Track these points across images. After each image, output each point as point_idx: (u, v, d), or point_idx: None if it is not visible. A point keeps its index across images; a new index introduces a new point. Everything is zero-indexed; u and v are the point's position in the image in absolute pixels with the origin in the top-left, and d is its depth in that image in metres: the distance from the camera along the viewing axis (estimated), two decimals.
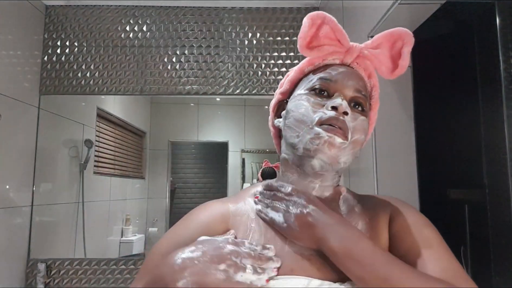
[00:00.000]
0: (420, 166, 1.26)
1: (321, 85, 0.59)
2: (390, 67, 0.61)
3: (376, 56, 0.61)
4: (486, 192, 1.32)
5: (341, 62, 0.63)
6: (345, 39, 0.61)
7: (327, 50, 0.61)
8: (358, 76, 0.61)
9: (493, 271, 1.28)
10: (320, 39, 0.61)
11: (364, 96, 0.60)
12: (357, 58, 0.62)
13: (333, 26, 0.60)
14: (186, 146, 2.18)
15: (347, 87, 0.59)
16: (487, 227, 1.31)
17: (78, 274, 1.84)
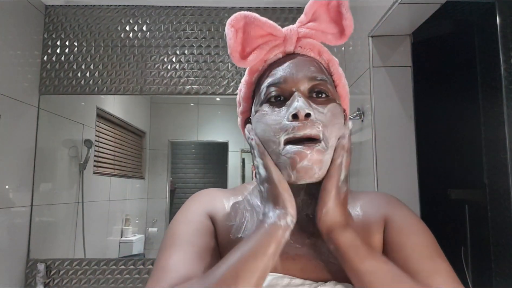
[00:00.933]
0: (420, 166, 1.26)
1: (273, 93, 0.53)
2: (336, 33, 0.56)
3: (316, 28, 0.56)
4: (487, 192, 1.32)
5: (283, 54, 0.58)
6: (276, 29, 0.56)
7: (264, 49, 0.56)
8: (307, 62, 0.55)
9: (493, 271, 1.28)
10: (252, 42, 0.56)
11: (322, 80, 0.54)
12: (298, 42, 0.57)
13: (258, 21, 0.56)
14: (186, 146, 2.18)
15: (299, 81, 0.53)
16: (488, 227, 1.31)
17: (78, 274, 1.84)
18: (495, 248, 1.28)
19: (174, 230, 0.56)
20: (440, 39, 1.53)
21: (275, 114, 0.52)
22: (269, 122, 0.52)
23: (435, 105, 1.52)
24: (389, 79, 1.27)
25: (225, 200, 0.61)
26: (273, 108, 0.53)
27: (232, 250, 0.47)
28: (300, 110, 0.49)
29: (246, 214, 0.58)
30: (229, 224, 0.57)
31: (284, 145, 0.50)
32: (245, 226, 0.57)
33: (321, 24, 0.56)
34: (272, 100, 0.54)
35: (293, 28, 0.57)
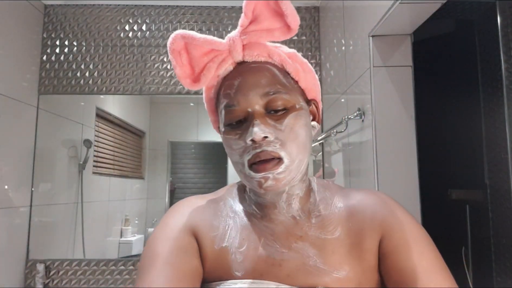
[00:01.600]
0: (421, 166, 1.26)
1: (231, 117, 0.53)
2: (282, 27, 0.53)
3: (260, 30, 0.54)
4: (487, 192, 1.32)
5: (234, 64, 0.56)
6: (217, 43, 0.54)
7: (212, 68, 0.55)
8: (257, 73, 0.54)
9: (494, 271, 1.27)
10: (198, 61, 0.55)
11: (275, 93, 0.52)
12: (244, 49, 0.55)
13: (196, 40, 0.54)
14: (186, 146, 2.17)
15: (252, 100, 0.52)
16: (488, 228, 1.30)
17: (77, 275, 1.84)
18: (496, 248, 1.28)
19: (153, 248, 0.53)
20: (441, 38, 1.53)
21: (237, 138, 0.53)
22: (233, 147, 0.53)
23: (435, 105, 1.52)
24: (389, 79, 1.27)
25: (207, 209, 0.59)
26: (235, 130, 0.53)
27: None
28: (255, 136, 0.50)
29: (229, 222, 0.57)
30: (212, 235, 0.56)
31: (248, 167, 0.52)
32: (228, 234, 0.56)
33: (263, 23, 0.53)
34: (232, 123, 0.54)
35: (235, 36, 0.54)
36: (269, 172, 0.51)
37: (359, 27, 1.39)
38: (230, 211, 0.59)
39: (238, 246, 0.54)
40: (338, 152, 1.79)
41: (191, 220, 0.57)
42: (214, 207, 0.59)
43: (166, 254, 0.51)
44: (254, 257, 0.53)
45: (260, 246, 0.54)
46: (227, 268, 0.53)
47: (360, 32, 1.38)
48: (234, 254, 0.53)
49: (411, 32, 1.26)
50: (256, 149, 0.50)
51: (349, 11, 1.53)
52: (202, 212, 0.58)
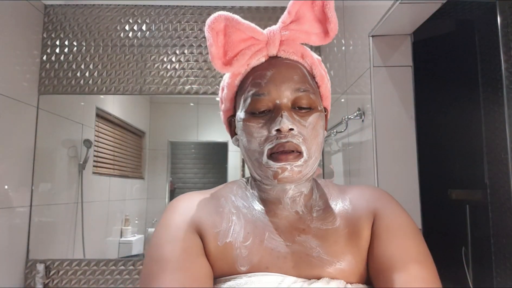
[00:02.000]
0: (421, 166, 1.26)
1: (258, 105, 0.54)
2: (319, 33, 0.56)
3: (299, 29, 0.55)
4: (487, 192, 1.32)
5: (266, 57, 0.57)
6: (258, 32, 0.55)
7: (247, 54, 0.55)
8: (290, 69, 0.56)
9: (494, 271, 1.27)
10: (233, 46, 0.55)
11: (305, 90, 0.54)
12: (281, 45, 0.56)
13: (239, 24, 0.54)
14: (186, 146, 2.17)
15: (282, 93, 0.53)
16: (488, 228, 1.30)
17: (77, 275, 1.84)
18: (496, 248, 1.28)
19: (160, 253, 0.51)
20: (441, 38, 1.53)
21: (260, 126, 0.54)
22: (255, 135, 0.54)
23: (435, 105, 1.52)
24: (389, 79, 1.27)
25: (208, 205, 0.58)
26: (258, 120, 0.54)
27: None
28: (283, 126, 0.51)
29: (232, 218, 0.57)
30: (215, 231, 0.55)
31: (267, 157, 0.53)
32: (232, 229, 0.55)
33: (304, 24, 0.55)
34: (256, 112, 0.54)
35: (275, 30, 0.55)
36: (288, 163, 0.52)
37: (359, 27, 1.39)
38: (233, 207, 0.59)
39: (243, 240, 0.54)
40: (338, 152, 1.79)
41: (193, 218, 0.56)
42: (215, 203, 0.59)
43: (176, 258, 0.50)
44: (259, 251, 0.53)
45: (265, 240, 0.54)
46: (232, 263, 0.53)
47: (360, 32, 1.38)
48: (239, 248, 0.53)
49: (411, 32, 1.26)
50: (281, 139, 0.52)
51: (349, 11, 1.53)
52: (203, 209, 0.58)
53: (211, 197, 0.60)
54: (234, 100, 0.61)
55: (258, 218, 0.57)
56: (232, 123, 0.63)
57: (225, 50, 0.55)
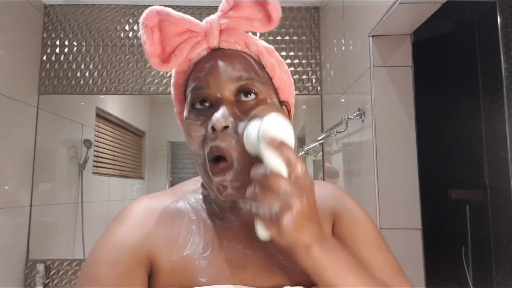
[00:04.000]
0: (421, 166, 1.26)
1: (198, 99, 0.50)
2: (262, 17, 0.50)
3: (239, 16, 0.51)
4: (488, 192, 1.32)
5: (208, 50, 0.53)
6: (194, 24, 0.51)
7: (185, 49, 0.51)
8: (232, 59, 0.50)
9: (494, 271, 1.27)
10: (170, 41, 0.51)
11: (248, 79, 0.49)
12: (221, 35, 0.52)
13: (172, 17, 0.51)
14: (186, 146, 2.17)
15: (223, 84, 0.48)
16: (489, 228, 1.30)
17: (77, 275, 1.84)
18: (496, 248, 1.28)
19: (94, 270, 0.47)
20: (441, 38, 1.53)
21: (199, 124, 0.49)
22: (193, 134, 0.50)
23: (435, 105, 1.52)
24: (389, 79, 1.27)
25: (164, 215, 0.53)
26: (198, 116, 0.50)
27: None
28: (216, 123, 0.45)
29: (192, 227, 0.53)
30: (169, 247, 0.50)
31: (209, 165, 0.48)
32: (191, 241, 0.51)
33: (243, 10, 0.50)
34: (197, 107, 0.50)
35: (213, 20, 0.51)
36: (223, 179, 0.47)
37: (359, 27, 1.39)
38: (192, 213, 0.54)
39: (202, 251, 0.51)
40: (338, 152, 1.79)
41: (143, 236, 0.50)
42: (172, 211, 0.54)
43: (108, 283, 0.45)
44: (218, 261, 0.50)
45: (224, 249, 0.51)
46: (190, 275, 0.49)
47: (360, 32, 1.38)
48: (197, 260, 0.50)
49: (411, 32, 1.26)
50: (214, 140, 0.47)
51: (349, 11, 1.53)
52: (157, 223, 0.52)
53: (169, 204, 0.56)
54: (184, 100, 0.56)
55: (216, 224, 0.53)
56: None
57: (162, 46, 0.51)
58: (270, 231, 0.41)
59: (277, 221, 0.39)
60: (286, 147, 0.41)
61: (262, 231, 0.42)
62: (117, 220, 0.53)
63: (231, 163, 0.46)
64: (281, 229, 0.39)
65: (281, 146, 0.41)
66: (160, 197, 0.58)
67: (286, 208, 0.39)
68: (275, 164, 0.41)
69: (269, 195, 0.40)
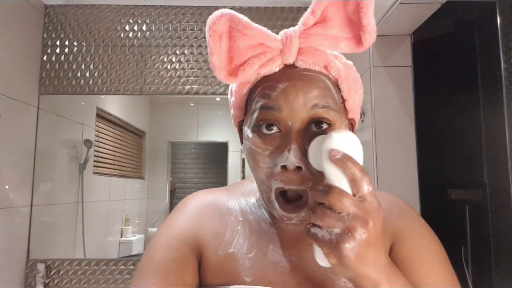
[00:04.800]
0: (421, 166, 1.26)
1: (266, 121, 0.46)
2: (352, 39, 0.45)
3: (325, 35, 0.45)
4: (487, 192, 1.32)
5: (282, 66, 0.48)
6: (271, 38, 0.45)
7: (256, 64, 0.45)
8: (308, 82, 0.45)
9: (494, 271, 1.28)
10: (240, 53, 0.45)
11: (324, 106, 0.45)
12: (300, 54, 0.46)
13: (246, 29, 0.45)
14: (186, 146, 2.18)
15: (296, 111, 0.44)
16: (488, 227, 1.31)
17: (78, 275, 1.84)
18: (495, 248, 1.28)
19: (153, 254, 0.52)
20: (440, 38, 1.53)
21: (267, 155, 0.46)
22: (260, 164, 0.46)
23: (435, 105, 1.52)
24: (389, 79, 1.27)
25: (214, 212, 0.56)
26: (266, 145, 0.46)
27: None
28: (289, 164, 0.43)
29: (237, 227, 0.54)
30: (217, 242, 0.53)
31: (275, 196, 0.46)
32: (236, 240, 0.53)
33: (332, 29, 0.44)
34: (264, 132, 0.46)
35: (293, 35, 0.45)
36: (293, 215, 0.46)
37: None
38: (240, 214, 0.56)
39: (246, 252, 0.52)
40: None
41: (196, 226, 0.54)
42: (223, 210, 0.57)
43: (163, 265, 0.50)
44: (262, 264, 0.51)
45: (269, 253, 0.51)
46: (235, 273, 0.51)
47: None
48: (242, 259, 0.51)
49: (411, 32, 1.26)
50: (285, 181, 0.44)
51: None
52: (208, 216, 0.56)
53: (221, 201, 0.58)
54: (244, 108, 0.53)
55: (263, 229, 0.54)
56: (242, 129, 0.56)
57: (230, 55, 0.46)
58: (329, 259, 0.36)
59: (337, 247, 0.35)
60: (351, 161, 0.37)
61: (321, 259, 0.38)
62: (176, 210, 0.58)
63: (305, 202, 0.44)
64: (342, 258, 0.35)
65: (346, 160, 0.37)
66: (215, 193, 0.60)
67: (349, 231, 0.35)
68: (338, 180, 0.37)
69: (329, 215, 0.36)
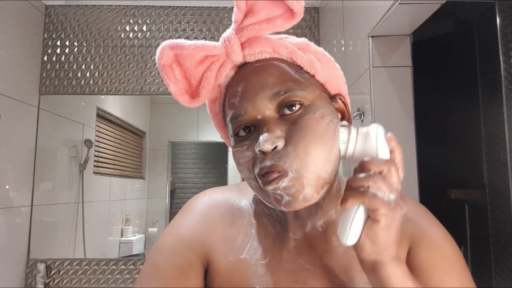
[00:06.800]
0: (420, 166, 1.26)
1: (240, 127, 0.46)
2: (284, 14, 0.46)
3: (258, 22, 0.45)
4: (487, 192, 1.32)
5: (235, 69, 0.49)
6: (211, 47, 0.46)
7: (211, 77, 0.47)
8: (262, 73, 0.46)
9: (493, 271, 1.28)
10: (193, 74, 0.47)
11: (286, 91, 0.44)
12: (244, 49, 0.46)
13: (187, 48, 0.46)
14: (186, 146, 2.18)
15: (260, 106, 0.44)
16: (488, 227, 1.31)
17: (78, 274, 1.84)
18: (495, 248, 1.28)
19: (156, 258, 0.50)
20: (440, 39, 1.53)
21: (245, 149, 0.46)
22: (241, 161, 0.47)
23: (435, 105, 1.52)
24: (389, 79, 1.27)
25: (225, 213, 0.54)
26: (243, 142, 0.46)
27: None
28: (263, 147, 0.42)
29: (251, 231, 0.51)
30: (227, 247, 0.51)
31: (260, 178, 0.44)
32: (249, 245, 0.50)
33: (261, 12, 0.45)
34: (241, 135, 0.47)
35: (230, 36, 0.46)
36: (277, 187, 0.43)
37: (358, 27, 1.40)
38: (253, 216, 0.53)
39: (259, 258, 0.49)
40: None
41: (203, 231, 0.52)
42: (234, 210, 0.54)
43: (165, 272, 0.48)
44: (276, 271, 0.48)
45: (283, 260, 0.49)
46: (247, 280, 0.48)
47: (360, 32, 1.38)
48: (255, 266, 0.48)
49: (411, 32, 1.26)
50: (265, 161, 0.43)
51: (349, 12, 1.53)
52: (218, 219, 0.53)
53: (232, 201, 0.55)
54: (225, 127, 0.53)
55: (277, 232, 0.51)
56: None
57: (187, 80, 0.48)
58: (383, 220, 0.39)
59: (394, 210, 0.39)
60: (400, 149, 0.44)
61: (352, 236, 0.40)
62: (182, 211, 0.55)
63: (283, 173, 0.43)
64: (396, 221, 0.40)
65: (398, 147, 0.44)
66: (226, 192, 0.57)
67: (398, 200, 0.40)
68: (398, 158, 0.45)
69: (387, 183, 0.41)
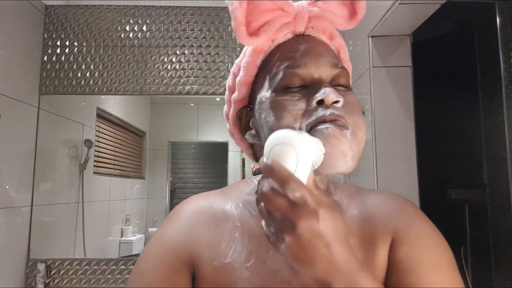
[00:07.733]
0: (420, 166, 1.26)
1: (293, 80, 0.46)
2: (346, 15, 0.50)
3: (327, 9, 0.49)
4: (487, 192, 1.32)
5: (293, 34, 0.50)
6: (287, 4, 0.48)
7: (275, 26, 0.47)
8: (324, 46, 0.49)
9: (493, 271, 1.28)
10: (258, 15, 0.47)
11: (342, 68, 0.47)
12: (309, 21, 0.50)
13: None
14: (186, 146, 2.18)
15: (321, 67, 0.46)
16: (488, 227, 1.31)
17: (78, 274, 1.84)
18: (495, 248, 1.28)
19: (143, 267, 0.50)
20: (440, 39, 1.53)
21: (296, 99, 0.45)
22: (289, 107, 0.45)
23: (435, 105, 1.52)
24: (389, 79, 1.27)
25: (209, 218, 0.53)
26: (294, 94, 0.46)
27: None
28: (329, 96, 0.43)
29: (235, 234, 0.51)
30: (211, 251, 0.50)
31: (313, 126, 0.43)
32: (233, 249, 0.50)
33: (330, 4, 0.50)
34: (290, 86, 0.46)
35: (304, 4, 0.49)
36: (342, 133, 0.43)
37: (358, 27, 1.40)
38: (237, 219, 0.53)
39: (244, 261, 0.49)
40: None
41: (188, 237, 0.52)
42: (219, 214, 0.53)
43: (152, 281, 0.48)
44: (261, 273, 0.48)
45: (268, 260, 0.49)
46: (231, 285, 0.48)
47: (360, 32, 1.38)
48: (239, 269, 0.48)
49: (411, 32, 1.26)
50: (326, 110, 0.43)
51: None
52: (202, 224, 0.53)
53: (217, 206, 0.55)
54: (251, 84, 0.52)
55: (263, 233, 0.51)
56: (243, 117, 0.54)
57: (248, 20, 0.47)
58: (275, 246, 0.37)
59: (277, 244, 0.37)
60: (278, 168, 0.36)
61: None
62: (168, 219, 0.56)
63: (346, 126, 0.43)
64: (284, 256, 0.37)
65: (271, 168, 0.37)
66: (210, 198, 0.57)
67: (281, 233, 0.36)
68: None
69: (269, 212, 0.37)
